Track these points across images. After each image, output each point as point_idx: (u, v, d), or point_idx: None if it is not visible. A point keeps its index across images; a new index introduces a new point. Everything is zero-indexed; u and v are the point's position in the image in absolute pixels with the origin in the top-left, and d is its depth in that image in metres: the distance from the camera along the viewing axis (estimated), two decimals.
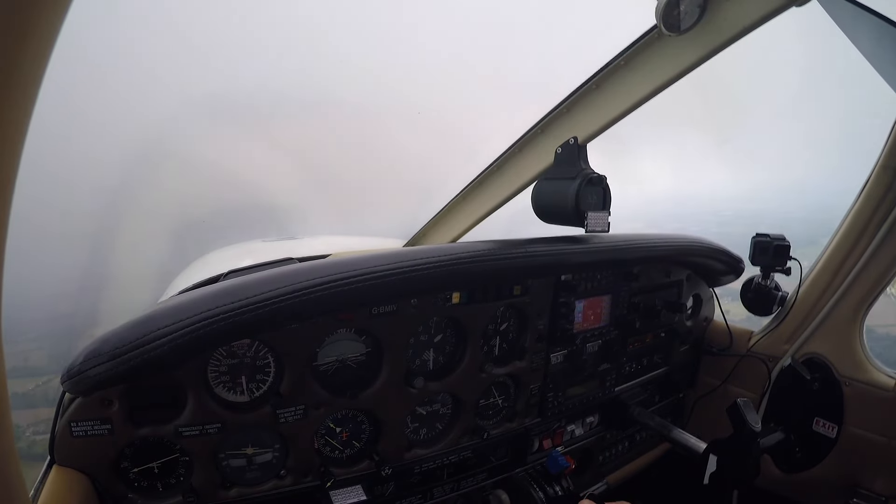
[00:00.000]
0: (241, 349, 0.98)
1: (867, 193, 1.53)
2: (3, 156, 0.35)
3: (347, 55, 7.47)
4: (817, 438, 1.65)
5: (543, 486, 1.41)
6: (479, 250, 1.09)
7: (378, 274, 0.95)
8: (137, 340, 0.79)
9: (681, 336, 1.79)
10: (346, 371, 1.12)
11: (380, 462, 1.16)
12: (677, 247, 1.52)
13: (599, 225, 1.19)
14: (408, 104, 3.34)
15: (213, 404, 0.96)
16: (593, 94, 1.19)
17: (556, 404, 1.46)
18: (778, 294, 1.72)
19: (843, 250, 1.60)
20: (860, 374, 1.60)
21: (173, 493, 0.99)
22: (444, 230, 1.93)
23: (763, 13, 0.87)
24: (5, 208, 0.38)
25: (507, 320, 1.32)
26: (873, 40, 1.11)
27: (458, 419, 1.29)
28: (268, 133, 2.49)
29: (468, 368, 1.25)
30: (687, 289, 1.75)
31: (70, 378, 0.80)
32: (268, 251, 2.21)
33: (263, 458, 1.06)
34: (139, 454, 0.95)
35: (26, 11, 0.31)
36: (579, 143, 1.22)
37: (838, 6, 0.98)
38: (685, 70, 1.01)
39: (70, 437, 0.87)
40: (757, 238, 1.66)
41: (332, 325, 1.05)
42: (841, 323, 1.63)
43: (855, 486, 1.58)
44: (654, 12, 0.96)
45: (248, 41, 6.94)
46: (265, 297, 0.85)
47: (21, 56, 0.32)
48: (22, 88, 0.34)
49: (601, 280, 1.45)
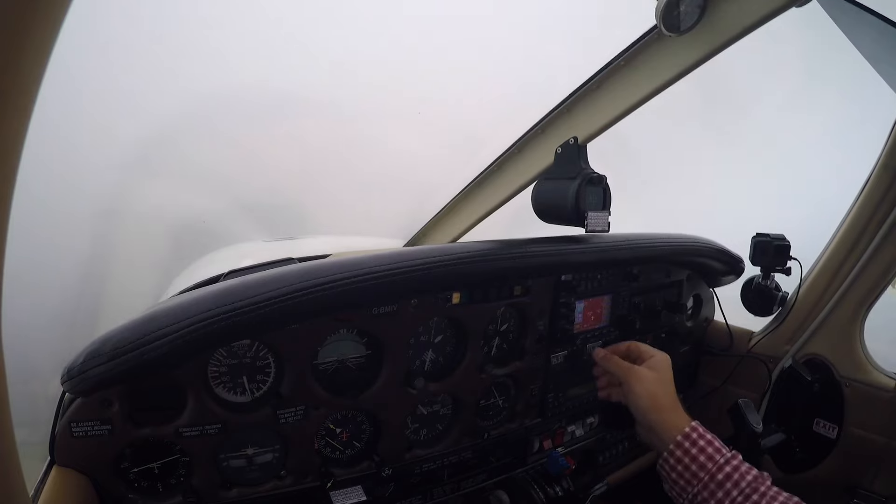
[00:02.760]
0: (242, 349, 0.98)
1: (867, 193, 1.53)
2: (4, 156, 0.35)
3: (346, 55, 7.58)
4: (818, 439, 1.65)
5: (544, 487, 1.41)
6: (480, 250, 1.09)
7: (378, 274, 0.94)
8: (138, 340, 0.79)
9: (681, 336, 1.79)
10: (347, 371, 1.12)
11: (380, 463, 1.16)
12: (677, 246, 1.52)
13: (600, 225, 1.19)
14: (407, 104, 3.37)
15: (214, 405, 0.96)
16: (593, 94, 1.19)
17: (556, 405, 1.46)
18: (778, 294, 1.72)
19: (844, 250, 1.60)
20: (860, 375, 1.60)
21: (173, 494, 0.99)
22: (444, 230, 1.93)
23: (763, 13, 0.87)
24: (5, 208, 0.38)
25: (508, 321, 1.32)
26: (873, 41, 1.11)
27: (458, 420, 1.29)
28: (268, 133, 2.50)
29: (468, 369, 1.24)
30: (687, 289, 1.75)
31: (70, 378, 0.80)
32: (268, 251, 2.21)
33: (263, 459, 1.06)
34: (139, 454, 0.95)
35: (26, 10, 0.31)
36: (579, 143, 1.22)
37: (838, 6, 0.98)
38: (685, 70, 1.02)
39: (70, 438, 0.87)
40: (757, 238, 1.66)
41: (333, 325, 1.05)
42: (841, 323, 1.63)
43: (855, 486, 1.58)
44: (654, 13, 0.96)
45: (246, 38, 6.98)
46: (266, 297, 0.85)
47: (21, 55, 0.32)
48: (22, 87, 0.34)
49: (601, 280, 1.45)
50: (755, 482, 0.95)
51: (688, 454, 1.01)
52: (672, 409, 1.10)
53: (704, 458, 0.99)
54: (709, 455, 0.99)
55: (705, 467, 0.98)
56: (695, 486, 0.99)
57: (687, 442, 1.02)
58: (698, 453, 1.00)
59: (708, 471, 0.98)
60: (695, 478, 0.99)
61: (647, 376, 1.16)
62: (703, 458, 0.99)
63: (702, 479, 0.98)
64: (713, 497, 0.96)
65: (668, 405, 1.11)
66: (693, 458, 1.00)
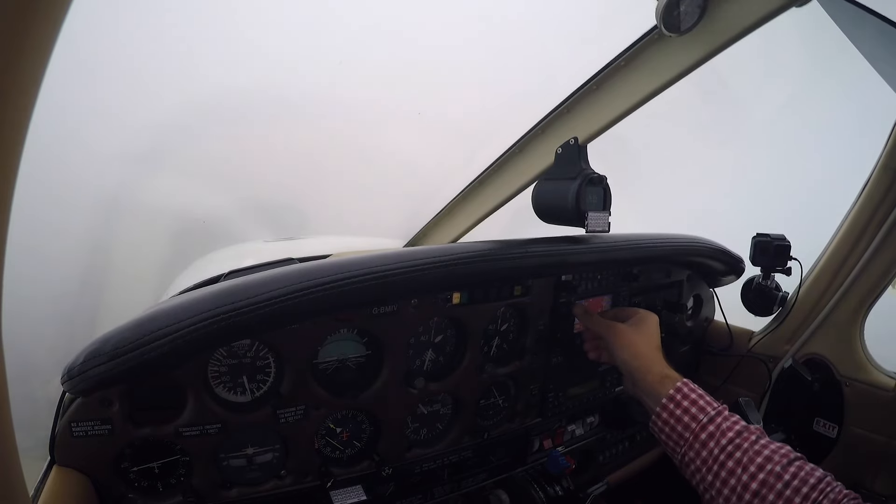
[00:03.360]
0: (242, 349, 0.98)
1: (867, 194, 1.53)
2: (4, 156, 0.35)
3: (346, 55, 7.56)
4: (818, 439, 1.65)
5: (544, 486, 1.41)
6: (480, 250, 1.09)
7: (379, 274, 0.94)
8: (138, 340, 0.79)
9: (681, 336, 1.79)
10: (347, 371, 1.12)
11: (380, 462, 1.16)
12: (677, 246, 1.52)
13: (600, 225, 1.19)
14: (408, 104, 3.36)
15: (214, 404, 0.96)
16: (593, 94, 1.19)
17: (556, 404, 1.46)
18: (778, 294, 1.72)
19: (844, 250, 1.60)
20: (860, 375, 1.60)
21: (173, 493, 0.99)
22: (445, 230, 1.93)
23: (763, 13, 0.87)
24: (6, 208, 0.38)
25: (508, 321, 1.32)
26: (874, 41, 1.11)
27: (458, 419, 1.29)
28: (268, 133, 2.50)
29: (468, 369, 1.25)
30: (687, 289, 1.75)
31: (70, 378, 0.80)
32: (268, 251, 2.20)
33: (264, 459, 1.06)
34: (139, 454, 0.95)
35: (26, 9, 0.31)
36: (580, 143, 1.22)
37: (838, 6, 0.98)
38: (685, 70, 1.01)
39: (70, 438, 0.87)
40: (757, 238, 1.66)
41: (333, 325, 1.05)
42: (841, 323, 1.63)
43: (855, 485, 1.58)
44: (654, 13, 0.96)
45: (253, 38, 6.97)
46: (266, 297, 0.85)
47: (21, 54, 0.32)
48: (22, 87, 0.34)
49: (601, 280, 1.45)
50: (737, 438, 0.94)
51: (673, 416, 1.02)
52: (654, 363, 1.10)
53: (689, 419, 1.00)
54: (692, 415, 1.00)
55: (689, 427, 0.99)
56: (682, 447, 1.00)
57: (671, 403, 1.02)
58: (682, 414, 1.01)
59: (692, 430, 0.98)
60: (681, 438, 1.00)
61: (627, 331, 1.17)
62: (688, 419, 1.00)
63: (687, 439, 0.99)
64: (698, 457, 0.97)
65: (650, 359, 1.11)
66: (678, 420, 1.01)
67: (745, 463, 0.91)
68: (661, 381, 1.06)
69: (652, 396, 1.07)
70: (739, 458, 0.92)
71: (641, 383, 1.09)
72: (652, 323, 1.21)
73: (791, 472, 0.87)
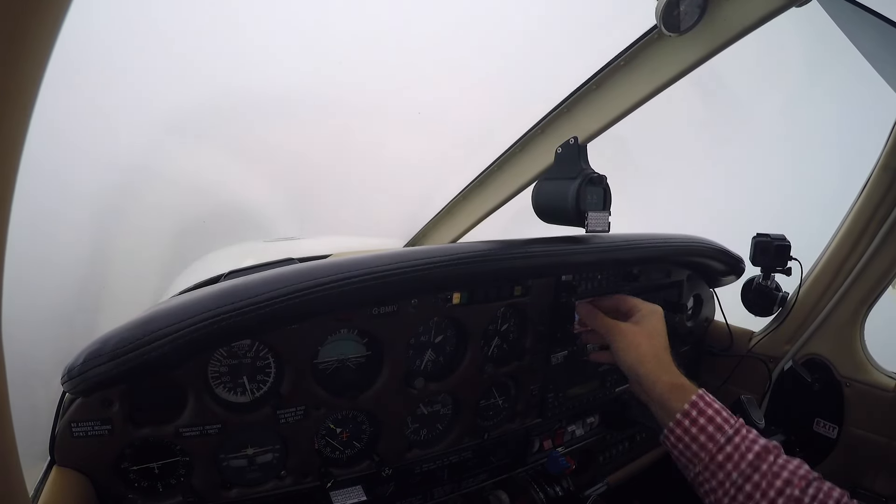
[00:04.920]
0: (242, 349, 0.98)
1: (867, 193, 1.53)
2: (4, 156, 0.35)
3: (346, 56, 7.55)
4: (818, 439, 1.65)
5: (544, 487, 1.41)
6: (480, 250, 1.09)
7: (379, 274, 0.94)
8: (138, 340, 0.79)
9: (681, 337, 1.79)
10: (347, 372, 1.12)
11: (380, 462, 1.16)
12: (677, 246, 1.52)
13: (600, 225, 1.19)
14: (408, 104, 3.35)
15: (214, 405, 0.96)
16: (593, 94, 1.19)
17: (556, 405, 1.46)
18: (778, 294, 1.72)
19: (844, 251, 1.60)
20: (860, 375, 1.60)
21: (173, 494, 0.99)
22: (445, 230, 1.93)
23: (763, 13, 0.87)
24: (6, 208, 0.38)
25: (508, 321, 1.32)
26: (874, 41, 1.11)
27: (458, 420, 1.29)
28: (268, 133, 2.49)
29: (468, 369, 1.24)
30: (687, 289, 1.75)
31: (70, 378, 0.80)
32: (269, 251, 2.21)
33: (264, 459, 1.06)
34: (139, 454, 0.95)
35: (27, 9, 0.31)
36: (579, 143, 1.22)
37: (838, 6, 0.98)
38: (685, 70, 1.02)
39: (70, 438, 0.87)
40: (757, 238, 1.66)
41: (333, 325, 1.05)
42: (841, 324, 1.63)
43: (855, 486, 1.58)
44: (654, 12, 0.96)
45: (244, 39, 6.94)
46: (266, 297, 0.85)
47: (21, 54, 0.32)
48: (22, 87, 0.34)
49: (602, 280, 1.45)
50: (757, 460, 0.90)
51: (688, 433, 0.96)
52: (662, 370, 1.03)
53: (705, 438, 0.95)
54: (709, 434, 0.95)
55: (706, 447, 0.94)
56: (696, 466, 0.95)
57: (686, 420, 0.96)
58: (698, 433, 0.95)
59: (708, 451, 0.94)
60: (696, 457, 0.95)
61: (630, 331, 1.09)
62: (704, 438, 0.95)
63: (702, 459, 0.94)
64: (714, 478, 0.92)
65: (658, 364, 1.04)
66: (693, 438, 0.96)
67: (765, 488, 0.87)
68: (672, 390, 1.00)
69: (664, 408, 1.00)
70: (758, 481, 0.88)
71: (650, 392, 1.02)
72: (657, 319, 1.12)
73: (810, 495, 0.85)
